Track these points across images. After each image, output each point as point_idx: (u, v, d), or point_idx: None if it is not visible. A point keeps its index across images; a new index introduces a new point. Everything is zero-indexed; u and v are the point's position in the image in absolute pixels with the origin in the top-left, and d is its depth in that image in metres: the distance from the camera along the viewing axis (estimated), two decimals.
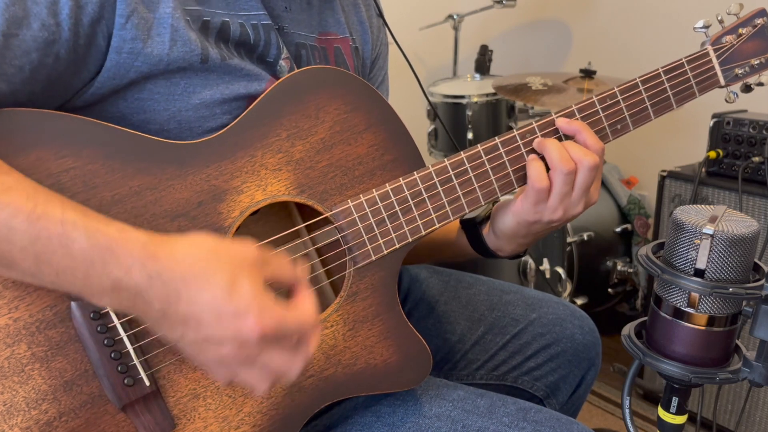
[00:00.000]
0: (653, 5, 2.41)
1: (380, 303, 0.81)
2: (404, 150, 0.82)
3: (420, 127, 2.29)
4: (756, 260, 0.71)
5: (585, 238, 2.16)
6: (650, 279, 2.09)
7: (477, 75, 2.45)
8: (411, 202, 0.81)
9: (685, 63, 0.91)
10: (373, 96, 0.81)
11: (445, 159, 0.83)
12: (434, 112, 2.22)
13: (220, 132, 0.74)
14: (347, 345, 0.79)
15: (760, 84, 0.95)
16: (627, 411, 0.77)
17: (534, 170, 0.83)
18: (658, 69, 0.89)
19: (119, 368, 0.67)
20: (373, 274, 0.81)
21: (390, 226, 0.80)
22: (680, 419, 0.75)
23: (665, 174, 1.87)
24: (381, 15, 1.03)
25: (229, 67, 0.76)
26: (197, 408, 0.72)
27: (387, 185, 0.80)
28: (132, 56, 0.70)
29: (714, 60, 0.92)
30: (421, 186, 0.82)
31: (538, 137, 0.86)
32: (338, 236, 0.79)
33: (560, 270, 1.85)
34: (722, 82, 0.93)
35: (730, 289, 0.67)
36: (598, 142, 0.85)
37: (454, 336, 1.11)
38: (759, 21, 0.93)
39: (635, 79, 0.88)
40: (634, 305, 2.39)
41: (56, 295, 0.66)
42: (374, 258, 0.80)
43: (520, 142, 0.85)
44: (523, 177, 0.86)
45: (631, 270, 2.25)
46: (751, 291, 0.67)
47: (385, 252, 0.80)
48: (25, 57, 0.65)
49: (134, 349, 0.68)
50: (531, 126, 0.86)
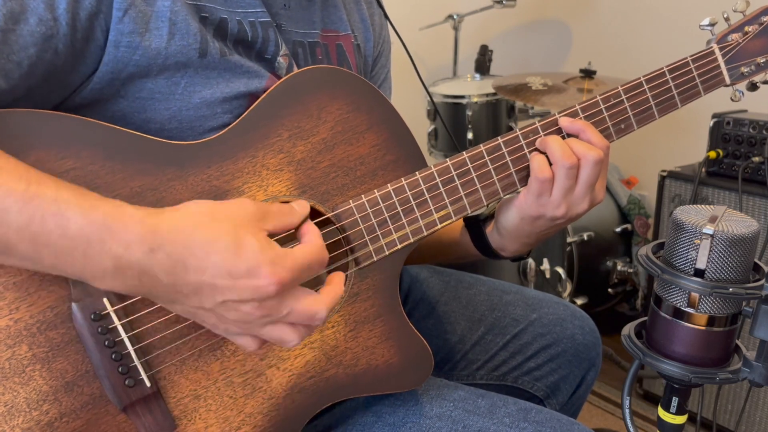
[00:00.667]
0: (653, 5, 2.41)
1: (382, 304, 0.81)
2: (406, 150, 0.82)
3: (420, 127, 2.29)
4: (756, 260, 0.71)
5: (585, 238, 2.16)
6: (650, 279, 2.09)
7: (477, 75, 2.45)
8: (413, 203, 0.81)
9: (690, 62, 0.90)
10: (375, 95, 0.81)
11: (448, 159, 0.83)
12: (435, 112, 2.22)
13: (221, 132, 0.74)
14: (348, 346, 0.79)
15: (766, 82, 0.94)
16: (627, 411, 0.77)
17: (536, 162, 0.83)
18: (663, 68, 0.89)
19: (120, 369, 0.67)
20: (375, 275, 0.81)
21: (392, 227, 0.80)
22: (680, 419, 0.75)
23: (665, 174, 1.87)
24: (384, 12, 1.03)
25: (229, 64, 0.76)
26: (198, 409, 0.72)
27: (389, 185, 0.80)
28: (130, 50, 0.70)
29: (719, 58, 0.91)
30: (423, 186, 0.82)
31: (542, 136, 0.85)
32: (340, 237, 0.79)
33: (560, 270, 1.85)
34: (728, 81, 0.92)
35: (730, 289, 0.67)
36: (603, 140, 0.84)
37: (455, 336, 1.11)
38: (766, 18, 0.92)
39: (639, 78, 0.88)
40: (634, 305, 2.39)
41: (57, 296, 0.66)
42: (376, 258, 0.80)
43: (523, 142, 0.85)
44: (526, 177, 0.86)
45: (631, 270, 2.26)
46: (751, 291, 0.67)
47: (387, 252, 0.80)
48: (23, 52, 0.65)
49: (135, 350, 0.68)
50: (534, 125, 0.86)
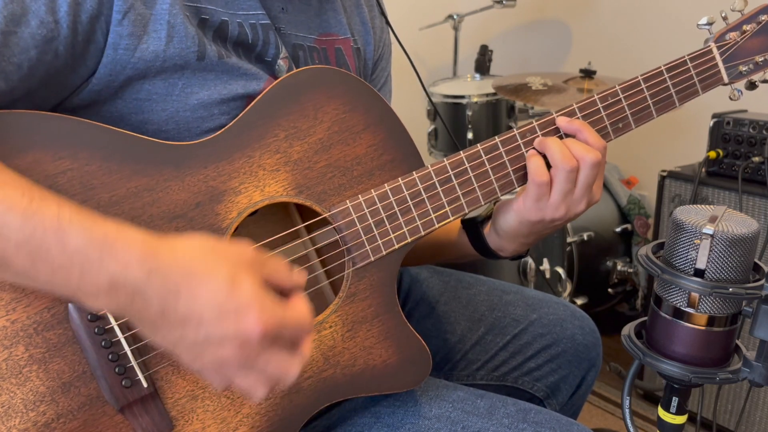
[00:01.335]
0: (653, 5, 2.41)
1: (379, 304, 0.81)
2: (403, 150, 0.82)
3: (420, 127, 2.29)
4: (756, 260, 0.71)
5: (585, 238, 2.16)
6: (650, 279, 2.09)
7: (477, 75, 2.45)
8: (410, 203, 0.81)
9: (688, 60, 0.90)
10: (372, 96, 0.81)
11: (445, 159, 0.83)
12: (435, 112, 2.22)
13: (218, 132, 0.74)
14: (346, 346, 0.79)
15: (765, 81, 0.94)
16: (627, 411, 0.77)
17: (533, 165, 0.83)
18: (661, 67, 0.89)
19: (117, 370, 0.67)
20: (372, 275, 0.80)
21: (389, 227, 0.80)
22: (680, 419, 0.75)
23: (665, 174, 1.87)
24: (384, 15, 1.03)
25: (227, 66, 0.76)
26: (195, 409, 0.72)
27: (386, 185, 0.80)
28: (129, 52, 0.70)
29: (717, 57, 0.91)
30: (420, 186, 0.81)
31: (539, 136, 0.85)
32: (337, 237, 0.79)
33: (560, 270, 1.85)
34: (726, 80, 0.92)
35: (730, 289, 0.67)
36: (600, 140, 0.84)
37: (455, 336, 1.11)
38: (764, 17, 0.92)
39: (637, 77, 0.88)
40: (634, 305, 2.39)
41: (54, 297, 0.66)
42: (373, 259, 0.79)
43: (520, 141, 0.85)
44: (524, 176, 0.86)
45: (631, 270, 2.25)
46: (751, 291, 0.67)
47: (384, 253, 0.80)
48: (24, 54, 0.65)
49: (132, 351, 0.68)
50: (531, 125, 0.86)
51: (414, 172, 0.81)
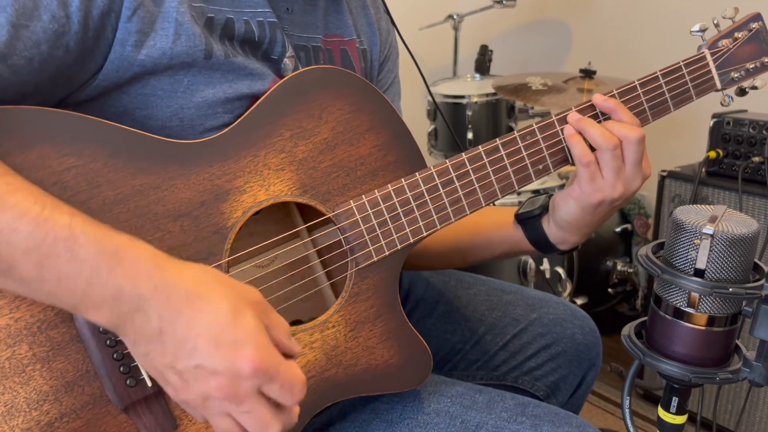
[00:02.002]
0: (653, 5, 2.41)
1: (382, 304, 0.81)
2: (406, 151, 0.82)
3: (420, 127, 2.29)
4: (756, 260, 0.71)
5: None
6: (650, 279, 2.09)
7: (477, 75, 2.45)
8: (413, 204, 0.81)
9: (683, 66, 0.91)
10: (376, 97, 0.81)
11: (447, 160, 0.83)
12: (435, 112, 2.22)
13: (224, 131, 0.74)
14: (348, 346, 0.79)
15: (754, 87, 0.95)
16: (627, 411, 0.78)
17: (577, 147, 0.84)
18: (656, 72, 0.89)
19: (121, 369, 0.67)
20: (375, 275, 0.81)
21: (392, 227, 0.80)
22: (680, 419, 0.75)
23: (665, 174, 1.87)
24: (389, 16, 1.03)
25: (233, 65, 0.76)
26: None
27: (389, 186, 0.80)
28: (136, 49, 0.70)
29: (711, 63, 0.92)
30: (423, 187, 0.82)
31: (539, 138, 0.86)
32: (340, 237, 0.79)
33: (560, 270, 1.85)
34: (718, 86, 0.93)
35: (730, 289, 0.67)
36: (634, 118, 0.85)
37: (455, 336, 1.11)
38: (754, 25, 0.93)
39: (633, 82, 0.89)
40: (634, 305, 2.39)
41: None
42: (376, 259, 0.80)
43: (521, 144, 0.85)
44: (524, 178, 0.86)
45: (631, 270, 2.25)
46: (751, 291, 0.68)
47: (387, 253, 0.80)
48: (35, 49, 0.65)
49: None
50: (531, 128, 0.86)
51: (417, 173, 0.82)
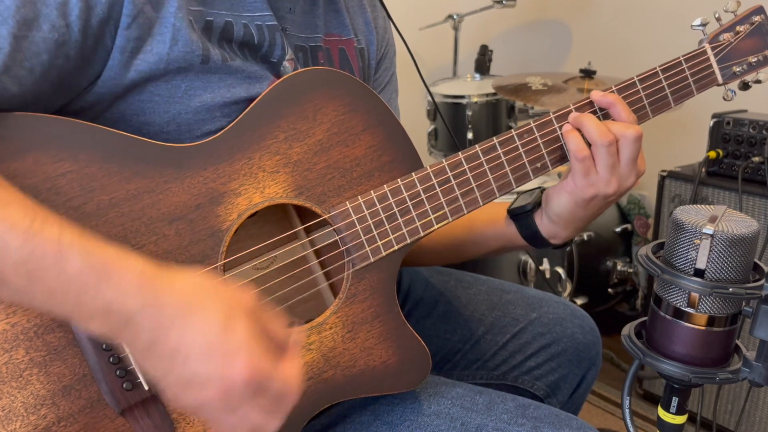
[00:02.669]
0: (653, 5, 2.41)
1: (379, 304, 0.81)
2: (402, 151, 0.82)
3: (420, 127, 2.29)
4: (756, 260, 0.71)
5: (585, 238, 2.16)
6: (650, 279, 2.09)
7: (477, 75, 2.45)
8: (409, 204, 0.81)
9: (683, 61, 0.90)
10: (371, 97, 0.81)
11: (443, 160, 0.83)
12: (435, 112, 2.22)
13: (218, 134, 0.74)
14: (346, 347, 0.79)
15: (758, 81, 0.95)
16: (627, 411, 0.77)
17: (573, 142, 0.84)
18: (656, 68, 0.89)
19: (118, 372, 0.67)
20: (372, 276, 0.80)
21: (388, 228, 0.80)
22: (680, 419, 0.75)
23: (665, 174, 1.87)
24: (387, 14, 1.03)
25: (231, 69, 0.76)
26: None
27: (385, 187, 0.80)
28: (134, 55, 0.70)
29: (711, 58, 0.92)
30: (419, 187, 0.81)
31: (537, 136, 0.85)
32: (336, 238, 0.79)
33: (560, 270, 1.85)
34: (720, 80, 0.93)
35: (730, 289, 0.67)
36: (632, 115, 0.85)
37: (455, 336, 1.11)
38: (756, 18, 0.93)
39: (633, 78, 0.88)
40: (634, 305, 2.39)
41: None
42: (373, 260, 0.80)
43: (518, 143, 0.85)
44: (522, 176, 0.86)
45: (631, 270, 2.25)
46: (751, 291, 0.67)
47: (384, 254, 0.80)
48: (36, 59, 0.65)
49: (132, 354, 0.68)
50: (529, 126, 0.86)
51: (413, 173, 0.81)
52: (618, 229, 2.31)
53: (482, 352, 1.10)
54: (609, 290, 2.29)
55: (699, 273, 0.68)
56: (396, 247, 0.81)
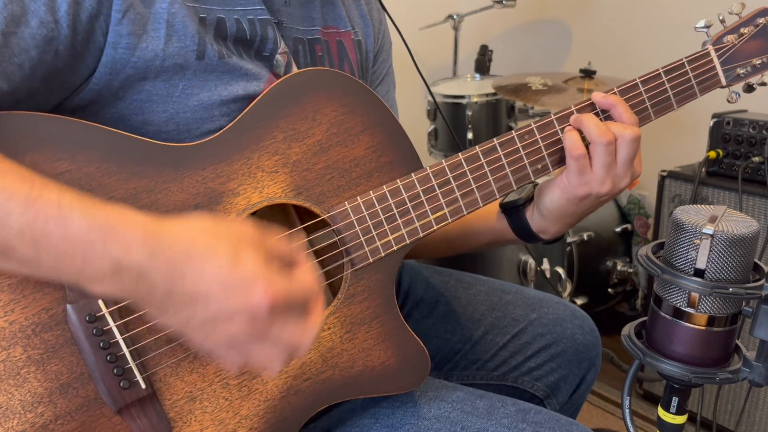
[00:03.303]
0: (653, 5, 2.40)
1: (378, 305, 0.80)
2: (401, 152, 0.82)
3: (420, 127, 2.29)
4: (756, 260, 0.71)
5: (585, 238, 2.16)
6: (650, 279, 2.09)
7: (477, 75, 2.45)
8: (408, 204, 0.81)
9: (686, 63, 0.90)
10: (371, 98, 0.80)
11: (443, 161, 0.83)
12: (435, 112, 2.22)
13: (217, 134, 0.74)
14: (345, 347, 0.79)
15: (763, 84, 0.94)
16: (627, 411, 0.77)
17: (569, 139, 0.84)
18: (659, 69, 0.89)
19: (115, 371, 0.67)
20: (371, 276, 0.80)
21: (387, 228, 0.80)
22: (680, 419, 0.75)
23: (665, 174, 1.86)
24: (385, 10, 1.03)
25: (228, 66, 0.76)
26: (194, 411, 0.72)
27: (384, 187, 0.80)
28: (128, 51, 0.70)
29: (715, 60, 0.91)
30: (419, 188, 0.81)
31: (538, 138, 0.85)
32: (336, 238, 0.78)
33: (560, 270, 1.85)
34: (723, 82, 0.92)
35: (730, 289, 0.67)
36: (633, 116, 0.85)
37: (455, 336, 1.11)
38: (761, 20, 0.92)
39: (635, 80, 0.88)
40: (634, 305, 2.39)
41: (52, 298, 0.66)
42: (372, 260, 0.79)
43: (519, 144, 0.85)
44: (523, 177, 0.86)
45: (631, 270, 2.25)
46: (751, 291, 0.67)
47: (383, 254, 0.80)
48: (25, 54, 0.65)
49: (130, 352, 0.68)
50: (530, 127, 0.86)
51: (412, 174, 0.81)
52: (618, 229, 2.31)
53: (482, 353, 1.10)
54: (609, 290, 2.29)
55: (699, 273, 0.68)
56: (395, 248, 0.80)
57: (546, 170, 0.87)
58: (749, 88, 0.94)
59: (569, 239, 2.11)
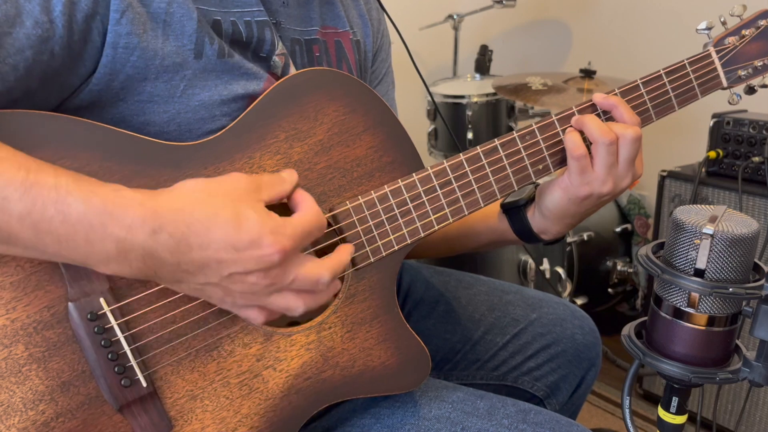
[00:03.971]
0: (653, 5, 2.41)
1: (379, 305, 0.81)
2: (403, 152, 0.82)
3: (420, 127, 2.29)
4: (756, 260, 0.71)
5: (585, 238, 2.16)
6: (650, 279, 2.09)
7: (477, 75, 2.45)
8: (410, 205, 0.81)
9: (687, 64, 0.90)
10: (372, 98, 0.80)
11: (444, 161, 0.83)
12: (435, 112, 2.22)
13: (219, 133, 0.74)
14: (345, 347, 0.79)
15: (764, 86, 0.94)
16: (627, 411, 0.77)
17: (570, 140, 0.84)
18: (660, 70, 0.89)
19: (116, 369, 0.67)
20: (372, 276, 0.80)
21: (389, 228, 0.80)
22: (680, 419, 0.75)
23: (665, 174, 1.87)
24: (384, 10, 1.03)
25: (227, 65, 0.76)
26: (194, 409, 0.72)
27: (385, 187, 0.80)
28: (128, 51, 0.70)
29: (716, 61, 0.92)
30: (420, 188, 0.81)
31: (539, 139, 0.85)
32: (337, 238, 0.78)
33: (560, 270, 1.85)
34: (725, 84, 0.92)
35: (730, 289, 0.67)
36: (635, 116, 0.85)
37: (455, 336, 1.11)
38: (762, 22, 0.92)
39: (636, 81, 0.88)
40: (634, 305, 2.39)
41: (54, 296, 0.66)
42: (373, 260, 0.79)
43: (521, 145, 0.85)
44: (524, 178, 0.86)
45: (631, 270, 2.25)
46: (751, 291, 0.67)
47: (384, 254, 0.80)
48: (19, 55, 0.64)
49: (131, 350, 0.68)
50: (531, 128, 0.86)
51: (413, 174, 0.81)
52: (618, 229, 2.31)
53: (482, 353, 1.10)
54: (609, 290, 2.29)
55: (699, 273, 0.68)
56: (396, 248, 0.81)
57: (547, 171, 0.87)
58: (750, 90, 0.94)
59: (569, 239, 2.11)
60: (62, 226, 0.59)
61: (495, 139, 0.84)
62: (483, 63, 2.45)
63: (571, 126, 0.86)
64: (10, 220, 0.58)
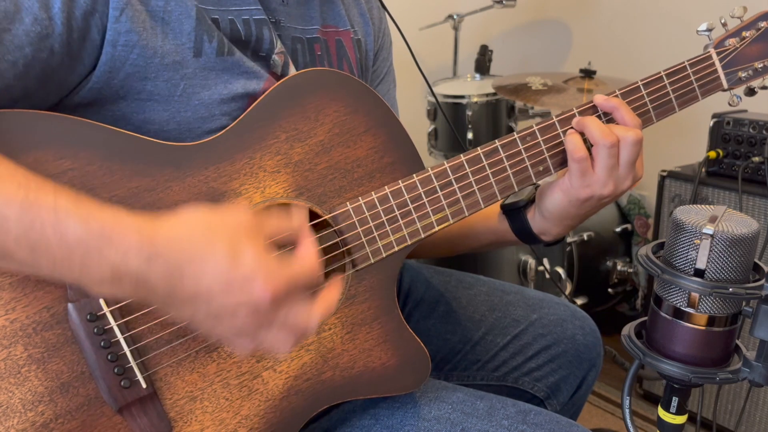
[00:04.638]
0: (654, 5, 2.40)
1: (379, 306, 0.81)
2: (403, 153, 0.82)
3: (420, 128, 2.29)
4: (756, 260, 0.71)
5: (585, 238, 2.16)
6: (650, 279, 2.09)
7: (477, 75, 2.45)
8: (410, 206, 0.81)
9: (688, 66, 0.90)
10: (373, 98, 0.80)
11: (445, 162, 0.83)
12: (435, 112, 2.22)
13: (219, 133, 0.74)
14: (345, 348, 0.79)
15: (765, 87, 0.94)
16: (627, 411, 0.77)
17: (571, 142, 0.84)
18: (660, 72, 0.89)
19: (116, 370, 0.67)
20: (372, 277, 0.80)
21: (389, 229, 0.80)
22: (680, 419, 0.75)
23: (665, 174, 1.86)
24: (386, 9, 1.03)
25: (227, 64, 0.76)
26: (194, 410, 0.72)
27: (386, 188, 0.80)
28: (127, 49, 0.70)
29: (717, 63, 0.91)
30: (421, 189, 0.81)
31: (540, 140, 0.85)
32: (337, 239, 0.78)
33: (560, 270, 1.85)
34: (725, 86, 0.92)
35: (730, 289, 0.67)
36: (636, 119, 0.85)
37: (455, 337, 1.11)
38: (763, 24, 0.92)
39: (637, 82, 0.88)
40: (634, 305, 2.39)
41: (53, 297, 0.66)
42: (373, 261, 0.79)
43: (521, 147, 0.85)
44: (524, 179, 0.86)
45: (631, 270, 2.25)
46: (751, 291, 0.67)
47: (384, 255, 0.80)
48: (18, 52, 0.64)
49: (131, 351, 0.68)
50: (531, 129, 0.86)
51: (414, 175, 0.81)
52: (618, 229, 2.31)
53: (482, 353, 1.10)
54: (609, 290, 2.29)
55: (699, 273, 0.68)
56: (397, 249, 0.81)
57: (548, 172, 0.87)
58: (751, 92, 0.94)
59: (569, 239, 2.11)
60: (59, 248, 0.58)
61: (496, 140, 0.84)
62: (483, 63, 2.44)
63: (572, 128, 0.85)
64: (7, 239, 0.57)
